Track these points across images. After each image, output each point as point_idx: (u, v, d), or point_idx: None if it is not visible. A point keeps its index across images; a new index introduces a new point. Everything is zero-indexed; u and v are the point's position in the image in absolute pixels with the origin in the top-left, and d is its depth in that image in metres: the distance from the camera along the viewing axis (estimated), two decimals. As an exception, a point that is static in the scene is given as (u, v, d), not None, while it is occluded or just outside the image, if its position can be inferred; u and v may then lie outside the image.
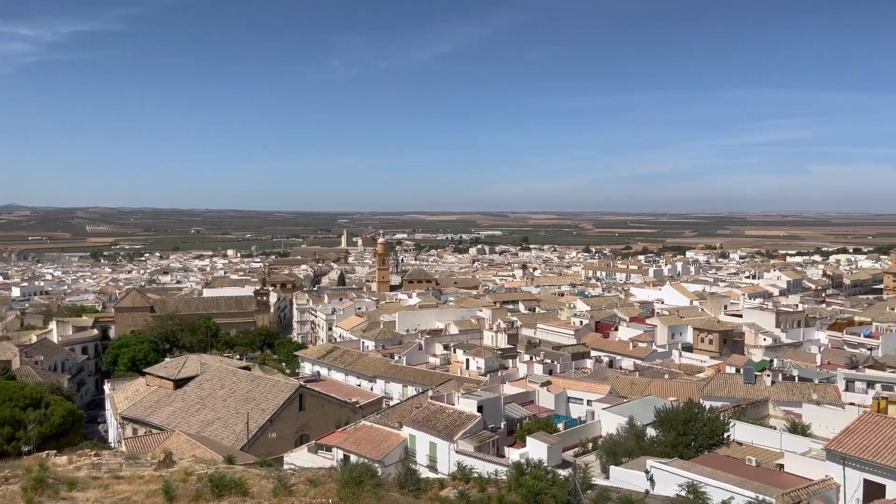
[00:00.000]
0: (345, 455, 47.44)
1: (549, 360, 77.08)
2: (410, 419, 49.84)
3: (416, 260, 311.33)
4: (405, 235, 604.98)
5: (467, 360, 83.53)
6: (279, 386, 59.93)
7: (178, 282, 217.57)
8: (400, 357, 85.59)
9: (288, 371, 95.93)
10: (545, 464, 34.32)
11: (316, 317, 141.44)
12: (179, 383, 62.98)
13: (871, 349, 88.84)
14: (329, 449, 49.97)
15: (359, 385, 77.85)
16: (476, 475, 31.62)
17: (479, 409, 49.82)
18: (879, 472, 31.81)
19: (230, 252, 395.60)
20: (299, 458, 49.41)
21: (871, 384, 64.16)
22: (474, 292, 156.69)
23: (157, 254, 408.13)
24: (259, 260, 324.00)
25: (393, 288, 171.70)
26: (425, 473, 39.88)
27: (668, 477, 32.79)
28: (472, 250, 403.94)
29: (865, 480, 32.30)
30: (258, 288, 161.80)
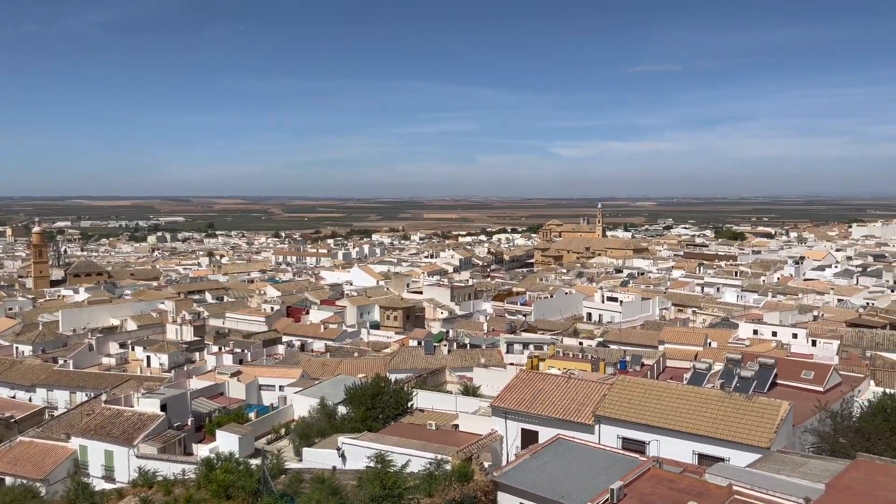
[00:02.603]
0: (-3, 480, 41.00)
1: (239, 350, 75.64)
2: (80, 428, 45.10)
3: (82, 251, 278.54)
4: (69, 223, 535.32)
5: (148, 358, 78.05)
6: None
7: None
8: (66, 361, 76.77)
9: (-87, 390, 79.28)
10: (237, 455, 33.61)
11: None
12: None
13: (525, 315, 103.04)
14: (-25, 476, 42.73)
15: (13, 397, 68.16)
16: (161, 478, 29.92)
17: (163, 407, 46.97)
18: (532, 420, 37.06)
19: None
20: (-67, 492, 41.27)
21: (526, 345, 74.32)
22: (155, 283, 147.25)
23: None
24: None
25: (54, 283, 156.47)
26: (101, 485, 36.41)
27: (359, 451, 34.29)
28: (152, 238, 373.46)
29: (522, 429, 37.37)
30: None
